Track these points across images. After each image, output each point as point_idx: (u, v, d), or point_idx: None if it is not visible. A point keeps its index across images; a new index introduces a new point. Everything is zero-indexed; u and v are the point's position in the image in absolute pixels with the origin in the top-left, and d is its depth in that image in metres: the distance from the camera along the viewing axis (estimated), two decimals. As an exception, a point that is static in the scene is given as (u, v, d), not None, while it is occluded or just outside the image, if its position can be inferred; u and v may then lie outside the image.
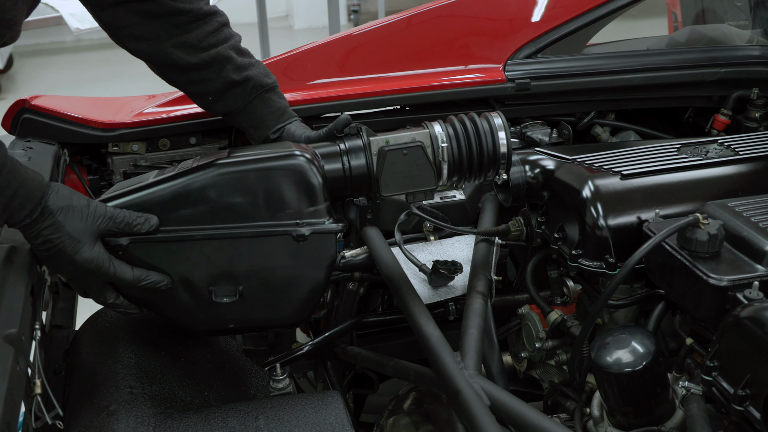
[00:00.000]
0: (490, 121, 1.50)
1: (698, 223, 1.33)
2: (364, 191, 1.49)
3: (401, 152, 1.44)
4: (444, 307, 1.76)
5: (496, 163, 1.50)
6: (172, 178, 1.35)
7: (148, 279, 1.35)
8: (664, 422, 1.37)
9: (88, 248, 1.29)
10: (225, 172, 1.35)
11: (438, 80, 1.95)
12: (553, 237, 1.57)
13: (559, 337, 1.66)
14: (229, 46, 1.62)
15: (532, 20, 2.00)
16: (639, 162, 1.58)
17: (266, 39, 5.34)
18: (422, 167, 1.45)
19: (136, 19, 1.57)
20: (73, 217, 1.28)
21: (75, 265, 1.29)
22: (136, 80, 1.93)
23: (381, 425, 1.67)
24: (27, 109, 1.78)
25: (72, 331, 1.73)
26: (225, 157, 1.37)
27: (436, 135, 1.47)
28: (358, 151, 1.46)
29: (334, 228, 1.40)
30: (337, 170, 1.45)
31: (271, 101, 1.66)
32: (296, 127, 1.64)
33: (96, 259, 1.30)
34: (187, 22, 1.58)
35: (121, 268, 1.33)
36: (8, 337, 1.09)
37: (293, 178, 1.37)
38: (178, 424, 1.30)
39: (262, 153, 1.39)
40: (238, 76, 1.62)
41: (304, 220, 1.38)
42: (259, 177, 1.36)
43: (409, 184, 1.46)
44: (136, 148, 1.86)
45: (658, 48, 2.20)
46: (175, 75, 1.65)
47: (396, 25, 2.01)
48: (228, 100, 1.65)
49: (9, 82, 6.62)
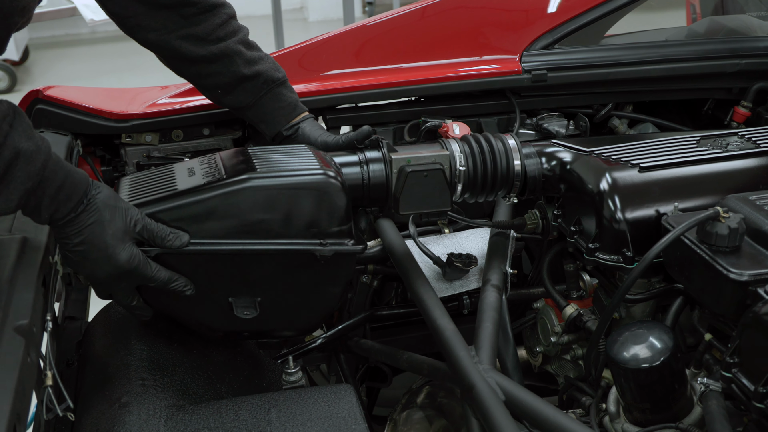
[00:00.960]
0: (504, 142, 1.54)
1: (718, 216, 1.30)
2: (379, 203, 1.51)
3: (422, 174, 1.47)
4: (458, 300, 1.75)
5: (509, 183, 1.54)
6: (203, 191, 1.34)
7: (178, 281, 1.35)
8: (682, 419, 1.35)
9: (129, 248, 1.28)
10: (255, 190, 1.34)
11: (453, 71, 1.93)
12: (570, 230, 1.55)
13: (574, 332, 1.64)
14: (237, 40, 1.61)
15: (549, 11, 1.98)
16: (658, 154, 1.56)
17: (281, 31, 5.33)
18: (440, 190, 1.48)
19: (142, 9, 1.56)
20: (117, 216, 1.27)
21: (113, 266, 1.27)
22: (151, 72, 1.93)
23: (394, 419, 1.66)
24: (40, 100, 1.78)
25: (85, 322, 1.72)
26: (255, 173, 1.35)
27: (455, 157, 1.50)
28: (377, 164, 1.48)
29: (355, 250, 1.41)
30: (355, 180, 1.47)
31: (282, 96, 1.65)
32: (311, 128, 1.63)
33: (135, 259, 1.29)
34: (195, 14, 1.57)
35: (157, 269, 1.32)
36: (19, 328, 1.09)
37: (322, 198, 1.37)
38: (190, 416, 1.29)
39: (291, 170, 1.38)
40: (249, 70, 1.61)
41: (327, 240, 1.38)
42: (288, 195, 1.36)
43: (426, 204, 1.49)
44: (149, 139, 1.86)
45: (677, 39, 2.17)
46: (184, 67, 1.64)
47: (411, 16, 1.99)
48: (238, 95, 1.64)
49: (25, 74, 6.65)
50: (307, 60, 1.94)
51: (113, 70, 6.65)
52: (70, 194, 1.23)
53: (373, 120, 1.96)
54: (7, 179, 1.15)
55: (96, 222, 1.25)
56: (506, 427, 1.19)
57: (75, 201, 1.23)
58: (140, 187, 1.41)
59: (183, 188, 1.35)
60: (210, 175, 1.38)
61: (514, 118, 1.97)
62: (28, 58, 6.87)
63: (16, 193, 1.17)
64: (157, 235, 1.31)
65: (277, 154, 1.45)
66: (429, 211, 1.50)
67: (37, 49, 7.19)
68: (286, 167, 1.39)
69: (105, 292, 1.36)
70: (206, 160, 1.46)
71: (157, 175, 1.44)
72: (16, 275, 1.20)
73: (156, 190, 1.38)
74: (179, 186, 1.36)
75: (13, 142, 1.15)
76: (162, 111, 1.83)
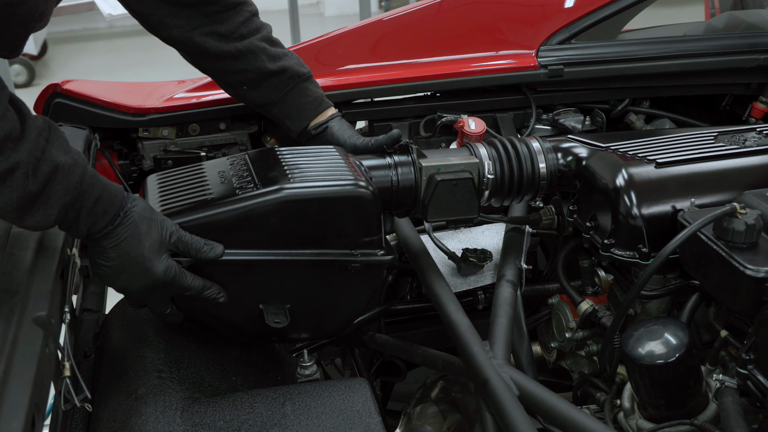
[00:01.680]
0: (529, 145, 1.54)
1: (735, 212, 1.29)
2: (406, 207, 1.51)
3: (451, 182, 1.47)
4: (473, 295, 1.75)
5: (535, 187, 1.54)
6: (236, 201, 1.33)
7: (211, 289, 1.35)
8: (697, 415, 1.35)
9: (165, 260, 1.28)
10: (289, 201, 1.33)
11: (469, 66, 1.93)
12: (585, 226, 1.55)
13: (589, 328, 1.64)
14: (260, 37, 1.62)
15: (566, 5, 1.97)
16: (674, 150, 1.55)
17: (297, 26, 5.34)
18: (468, 198, 1.49)
19: (165, 9, 1.57)
20: (153, 229, 1.27)
21: (150, 278, 1.28)
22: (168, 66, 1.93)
23: (408, 413, 1.66)
24: (59, 94, 1.79)
25: (102, 314, 1.74)
26: (288, 183, 1.34)
27: (483, 164, 1.51)
28: (406, 169, 1.49)
29: (386, 260, 1.41)
30: (384, 183, 1.47)
31: (308, 91, 1.65)
32: (339, 127, 1.63)
33: (172, 270, 1.29)
34: (217, 12, 1.58)
35: (192, 278, 1.33)
36: (38, 319, 1.10)
37: (354, 209, 1.37)
38: (205, 408, 1.30)
39: (324, 179, 1.37)
40: (274, 66, 1.61)
41: (359, 250, 1.39)
42: (321, 206, 1.35)
43: (454, 211, 1.49)
44: (166, 133, 1.87)
45: (695, 34, 2.16)
46: (209, 64, 1.64)
47: (427, 11, 1.99)
48: (264, 91, 1.64)
49: (43, 68, 6.69)
50: (324, 55, 1.95)
51: (130, 65, 6.69)
52: (107, 207, 1.23)
53: (389, 115, 1.96)
54: (46, 193, 1.16)
55: (132, 235, 1.25)
56: (520, 422, 1.19)
57: (112, 214, 1.24)
58: (170, 191, 1.40)
59: (216, 197, 1.35)
60: (242, 181, 1.37)
61: (530, 113, 1.97)
62: (46, 53, 6.91)
63: (56, 207, 1.18)
64: (192, 246, 1.31)
65: (307, 158, 1.44)
66: (456, 218, 1.51)
67: (56, 44, 7.24)
68: (318, 175, 1.38)
69: (140, 301, 1.36)
70: (236, 163, 1.44)
71: (188, 178, 1.43)
72: (34, 267, 1.21)
73: (187, 195, 1.37)
74: (212, 192, 1.36)
75: (51, 157, 1.15)
76: (179, 105, 1.84)
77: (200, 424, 1.27)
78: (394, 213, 1.53)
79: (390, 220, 1.53)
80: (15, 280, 1.17)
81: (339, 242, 1.38)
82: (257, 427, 1.26)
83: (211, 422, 1.27)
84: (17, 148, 1.11)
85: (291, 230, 1.35)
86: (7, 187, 1.11)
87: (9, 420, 0.91)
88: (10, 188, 1.11)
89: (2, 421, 0.91)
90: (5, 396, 0.94)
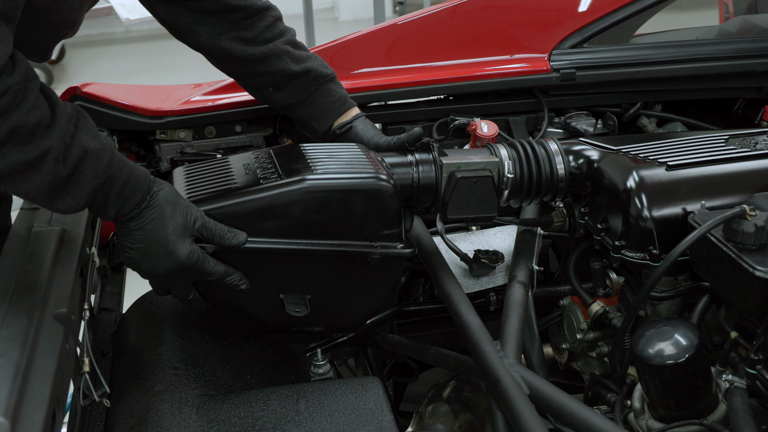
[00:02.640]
0: (546, 147, 1.56)
1: (745, 214, 1.30)
2: (427, 204, 1.53)
3: (472, 180, 1.49)
4: (485, 297, 1.76)
5: (554, 188, 1.56)
6: (259, 190, 1.36)
7: (233, 276, 1.38)
8: (706, 416, 1.35)
9: (188, 245, 1.31)
10: (311, 190, 1.36)
11: (482, 70, 1.95)
12: (596, 228, 1.56)
13: (600, 329, 1.65)
14: (284, 41, 1.65)
15: (579, 9, 1.98)
16: (685, 153, 1.56)
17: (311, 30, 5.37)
18: (488, 196, 1.51)
19: (192, 17, 1.61)
20: (179, 213, 1.30)
21: (173, 262, 1.31)
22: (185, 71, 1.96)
23: (420, 412, 1.68)
24: (78, 96, 1.83)
25: (119, 314, 1.76)
26: (311, 173, 1.37)
27: (503, 164, 1.52)
28: (427, 166, 1.50)
29: (405, 253, 1.44)
30: (405, 181, 1.49)
31: (332, 91, 1.69)
32: (363, 127, 1.66)
33: (195, 253, 1.32)
34: (242, 18, 1.62)
35: (214, 263, 1.36)
36: (58, 316, 1.13)
37: (375, 201, 1.39)
38: (220, 405, 1.33)
39: (346, 171, 1.40)
40: (298, 67, 1.65)
41: (379, 243, 1.41)
42: (343, 197, 1.38)
43: (473, 209, 1.51)
44: (182, 136, 1.89)
45: (707, 38, 2.17)
46: (235, 67, 1.69)
47: (441, 15, 2.01)
48: (289, 92, 1.67)
49: (61, 72, 6.77)
50: (338, 58, 1.97)
51: (147, 69, 6.74)
52: (134, 190, 1.27)
53: (402, 118, 1.98)
54: (75, 177, 1.20)
55: (158, 218, 1.28)
56: (530, 421, 1.20)
57: (139, 197, 1.27)
58: (196, 181, 1.44)
59: (240, 185, 1.38)
60: (267, 172, 1.40)
61: (542, 116, 1.98)
62: (64, 57, 6.98)
63: (85, 190, 1.22)
64: (216, 233, 1.34)
65: (330, 151, 1.47)
66: (475, 216, 1.53)
67: (73, 48, 7.30)
68: (340, 168, 1.40)
69: (164, 288, 1.38)
70: (261, 156, 1.48)
71: (214, 169, 1.47)
72: (55, 266, 1.24)
73: (212, 185, 1.41)
74: (236, 182, 1.39)
75: (80, 142, 1.20)
76: (195, 108, 1.87)
77: (215, 420, 1.29)
78: (414, 210, 1.55)
79: (410, 217, 1.55)
80: (36, 277, 1.20)
81: (359, 234, 1.40)
82: (271, 423, 1.28)
83: (226, 419, 1.30)
84: (48, 135, 1.15)
85: (312, 220, 1.37)
86: (38, 172, 1.15)
87: (31, 413, 0.94)
88: (42, 173, 1.16)
89: (25, 414, 0.94)
90: (27, 389, 0.97)
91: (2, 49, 1.10)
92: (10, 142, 1.12)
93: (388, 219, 1.41)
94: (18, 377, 0.97)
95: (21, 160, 1.13)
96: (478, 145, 1.82)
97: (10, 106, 1.11)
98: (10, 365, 0.99)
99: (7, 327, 1.07)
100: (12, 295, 1.15)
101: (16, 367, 0.99)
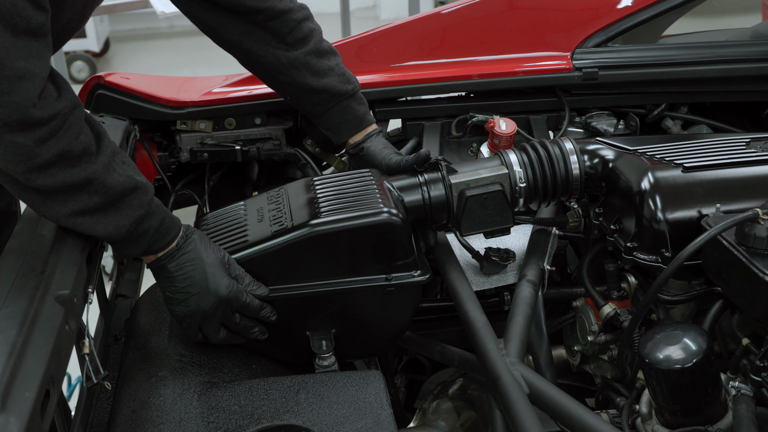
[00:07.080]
0: (561, 146, 1.55)
1: (757, 218, 1.27)
2: (443, 222, 1.55)
3: (482, 197, 1.50)
4: (499, 296, 1.74)
5: (569, 187, 1.55)
6: (270, 242, 1.41)
7: (266, 309, 1.42)
8: (714, 423, 1.32)
9: (226, 278, 1.36)
10: (319, 237, 1.40)
11: (503, 68, 1.93)
12: (610, 229, 1.53)
13: (612, 332, 1.62)
14: (306, 51, 1.64)
15: (604, 8, 1.96)
16: (703, 155, 1.53)
17: (348, 29, 5.38)
18: (501, 209, 1.52)
19: (213, 15, 1.62)
20: (212, 249, 1.37)
21: (217, 293, 1.35)
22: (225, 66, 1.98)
23: (423, 408, 1.67)
24: (101, 85, 1.85)
25: (135, 300, 1.79)
26: (318, 219, 1.41)
27: (514, 173, 1.52)
28: (437, 185, 1.52)
29: (421, 281, 1.46)
30: (416, 202, 1.51)
31: (350, 109, 1.70)
32: (375, 146, 1.67)
33: (233, 285, 1.37)
34: (264, 20, 1.61)
35: (249, 296, 1.39)
36: (60, 297, 1.15)
37: (384, 237, 1.42)
38: (222, 393, 1.34)
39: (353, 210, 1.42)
40: (317, 83, 1.66)
41: (394, 274, 1.44)
42: (351, 237, 1.41)
43: (488, 224, 1.53)
44: (203, 126, 1.91)
45: (738, 40, 2.12)
46: (257, 71, 1.71)
47: (462, 12, 1.99)
48: (306, 105, 1.70)
49: (105, 65, 6.89)
50: (362, 52, 1.97)
51: (188, 63, 6.83)
52: (170, 228, 1.34)
53: (422, 114, 1.98)
54: (122, 205, 1.26)
55: (197, 258, 1.35)
56: (526, 419, 1.19)
57: (173, 234, 1.34)
58: (212, 231, 1.49)
59: (252, 240, 1.42)
60: (277, 220, 1.44)
61: (563, 116, 1.96)
62: (108, 50, 7.11)
63: (130, 219, 1.28)
64: (240, 275, 1.39)
65: (340, 185, 1.50)
66: (492, 229, 1.54)
67: (118, 42, 7.43)
68: (347, 206, 1.43)
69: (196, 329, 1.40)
70: (274, 198, 1.52)
71: (228, 219, 1.52)
72: (61, 248, 1.26)
73: (227, 238, 1.46)
74: (249, 236, 1.43)
75: (127, 173, 1.27)
76: (216, 99, 1.89)
77: (216, 407, 1.30)
78: (433, 227, 1.57)
79: (433, 234, 1.58)
80: (42, 260, 1.22)
81: (373, 268, 1.44)
82: (270, 412, 1.29)
83: (227, 406, 1.31)
84: (94, 161, 1.22)
85: (326, 263, 1.42)
86: (84, 193, 1.22)
87: (23, 390, 0.96)
88: (89, 195, 1.22)
89: (17, 390, 0.95)
90: (21, 367, 0.98)
91: (38, 64, 1.13)
92: (57, 165, 1.17)
93: (400, 250, 1.44)
94: (13, 355, 0.99)
95: (67, 181, 1.19)
96: (496, 143, 1.81)
97: (59, 129, 1.16)
98: (6, 343, 1.00)
99: (7, 306, 1.09)
100: (17, 275, 1.17)
101: (12, 345, 1.00)
